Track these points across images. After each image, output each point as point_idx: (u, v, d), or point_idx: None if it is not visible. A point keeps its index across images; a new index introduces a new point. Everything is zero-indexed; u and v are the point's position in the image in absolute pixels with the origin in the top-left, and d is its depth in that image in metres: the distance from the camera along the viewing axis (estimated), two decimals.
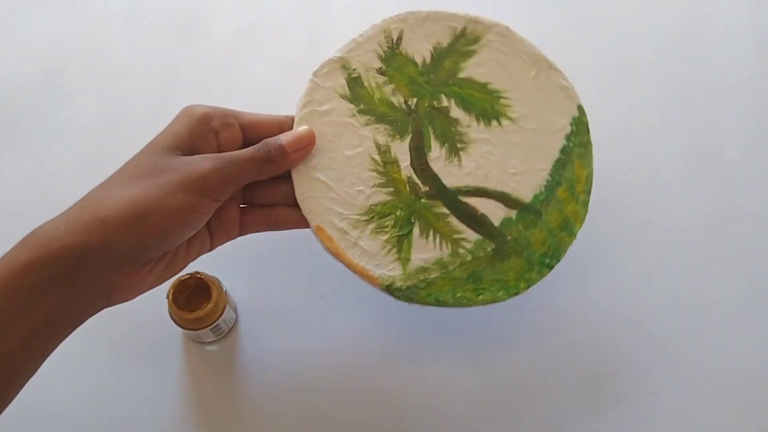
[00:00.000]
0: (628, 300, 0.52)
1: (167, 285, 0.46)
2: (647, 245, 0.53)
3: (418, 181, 0.46)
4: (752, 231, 0.54)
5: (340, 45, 0.47)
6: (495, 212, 0.46)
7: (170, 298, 0.45)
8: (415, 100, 0.47)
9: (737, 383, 0.49)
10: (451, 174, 0.46)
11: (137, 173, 0.41)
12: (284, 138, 0.44)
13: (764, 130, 0.58)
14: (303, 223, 0.45)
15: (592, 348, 0.50)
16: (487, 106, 0.47)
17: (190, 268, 0.47)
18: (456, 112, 0.47)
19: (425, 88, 0.47)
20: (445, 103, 0.47)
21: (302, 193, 0.45)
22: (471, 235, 0.46)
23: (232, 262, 0.52)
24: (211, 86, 0.58)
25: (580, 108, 0.48)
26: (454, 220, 0.46)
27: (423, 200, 0.46)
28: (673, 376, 0.50)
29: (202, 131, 0.43)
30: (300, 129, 0.45)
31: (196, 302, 0.46)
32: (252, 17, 0.61)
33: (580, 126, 0.48)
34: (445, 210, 0.46)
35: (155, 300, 0.47)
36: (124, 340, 0.49)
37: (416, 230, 0.45)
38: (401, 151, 0.46)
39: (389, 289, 0.45)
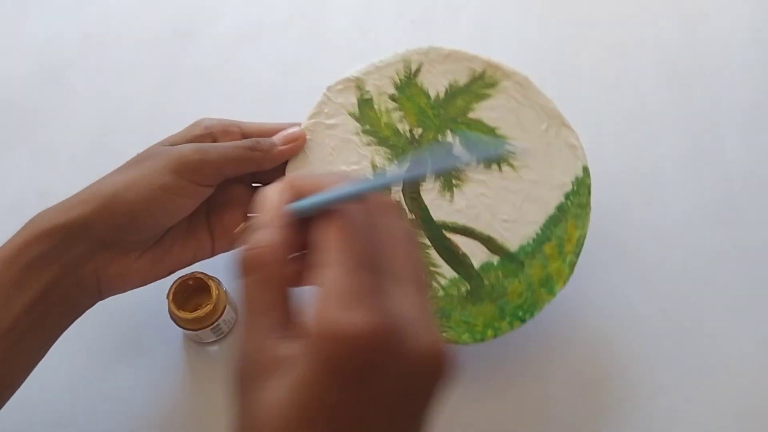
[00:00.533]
0: (628, 299, 0.51)
1: (167, 285, 0.46)
2: (647, 245, 0.53)
3: (405, 207, 0.46)
4: (753, 230, 0.54)
5: (360, 66, 0.48)
6: (477, 254, 0.46)
7: (170, 298, 0.45)
8: (420, 130, 0.48)
9: (738, 383, 0.49)
10: (440, 208, 0.46)
11: (128, 163, 0.43)
12: (275, 136, 0.46)
13: (765, 129, 0.57)
14: None
15: (591, 345, 0.50)
16: None
17: (191, 268, 0.47)
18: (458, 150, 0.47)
19: (433, 121, 0.48)
20: (449, 138, 0.47)
21: None
22: (447, 272, 0.46)
23: (232, 262, 0.52)
24: (211, 86, 0.58)
25: (585, 169, 0.48)
26: (433, 253, 0.46)
27: None
28: (672, 375, 0.50)
29: (200, 134, 0.45)
30: (291, 128, 0.46)
31: (196, 302, 0.46)
32: (252, 17, 0.61)
33: (581, 187, 0.48)
34: (426, 241, 0.46)
35: (155, 300, 0.48)
36: (124, 340, 0.49)
37: None
38: None
39: None
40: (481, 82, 0.48)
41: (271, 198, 0.29)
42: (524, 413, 0.48)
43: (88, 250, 0.41)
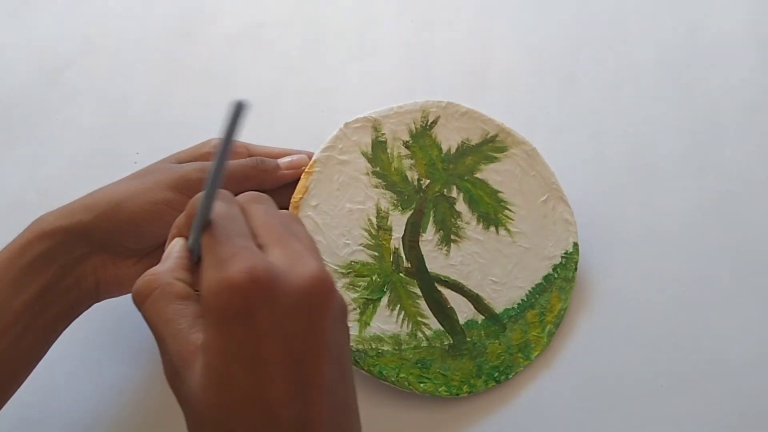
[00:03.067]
0: (628, 299, 0.51)
1: None
2: (647, 244, 0.53)
3: (403, 255, 0.47)
4: (753, 230, 0.54)
5: (380, 107, 0.49)
6: (463, 310, 0.47)
7: None
8: (428, 181, 0.49)
9: (738, 383, 0.49)
10: (436, 260, 0.48)
11: (134, 175, 0.44)
12: (279, 159, 0.47)
13: (765, 129, 0.57)
14: None
15: (591, 345, 0.50)
16: (491, 211, 0.49)
17: None
18: (461, 206, 0.49)
19: (441, 174, 0.49)
20: (454, 194, 0.49)
21: None
22: (434, 324, 0.47)
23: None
24: (211, 86, 0.58)
25: (575, 245, 0.50)
26: (422, 304, 0.47)
27: (401, 275, 0.47)
28: (672, 375, 0.49)
29: (207, 153, 0.46)
30: (297, 155, 0.47)
31: None
32: (252, 17, 0.61)
33: (569, 261, 0.50)
34: (418, 291, 0.47)
35: None
36: (124, 339, 0.49)
37: (385, 300, 0.46)
38: (398, 222, 0.48)
39: None
40: (492, 145, 0.50)
41: (173, 243, 0.34)
42: (524, 413, 0.48)
43: (88, 252, 0.42)
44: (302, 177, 0.47)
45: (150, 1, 0.61)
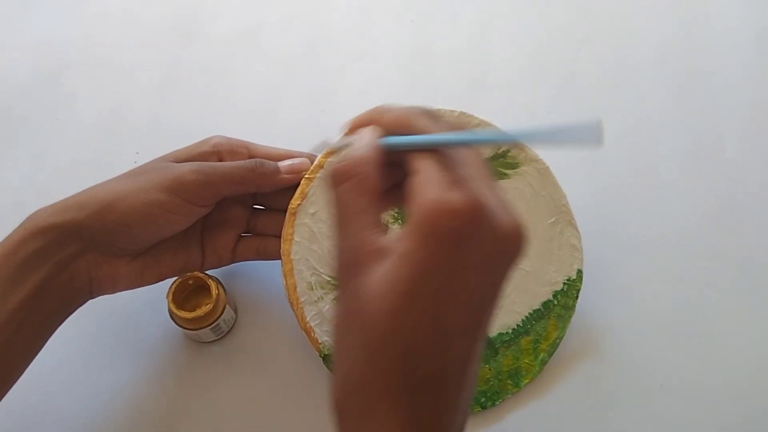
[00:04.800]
0: (628, 299, 0.51)
1: (167, 285, 0.46)
2: (648, 244, 0.53)
3: None
4: (753, 230, 0.54)
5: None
6: None
7: (170, 297, 0.45)
8: None
9: (738, 383, 0.49)
10: None
11: (130, 173, 0.44)
12: (280, 161, 0.46)
13: (765, 129, 0.57)
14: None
15: (592, 345, 0.50)
16: None
17: None
18: None
19: None
20: None
21: (288, 233, 0.45)
22: None
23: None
24: (211, 86, 0.58)
25: (579, 272, 0.48)
26: None
27: None
28: (672, 375, 0.49)
29: (206, 152, 0.45)
30: (298, 159, 0.46)
31: (196, 302, 0.46)
32: (252, 17, 0.61)
33: (571, 289, 0.48)
34: None
35: (155, 300, 0.48)
36: (124, 340, 0.49)
37: None
38: None
39: (326, 359, 0.46)
40: (503, 160, 0.48)
41: (365, 130, 0.33)
42: (524, 413, 0.48)
43: (81, 250, 0.41)
44: (302, 182, 0.46)
45: (150, 2, 0.62)
